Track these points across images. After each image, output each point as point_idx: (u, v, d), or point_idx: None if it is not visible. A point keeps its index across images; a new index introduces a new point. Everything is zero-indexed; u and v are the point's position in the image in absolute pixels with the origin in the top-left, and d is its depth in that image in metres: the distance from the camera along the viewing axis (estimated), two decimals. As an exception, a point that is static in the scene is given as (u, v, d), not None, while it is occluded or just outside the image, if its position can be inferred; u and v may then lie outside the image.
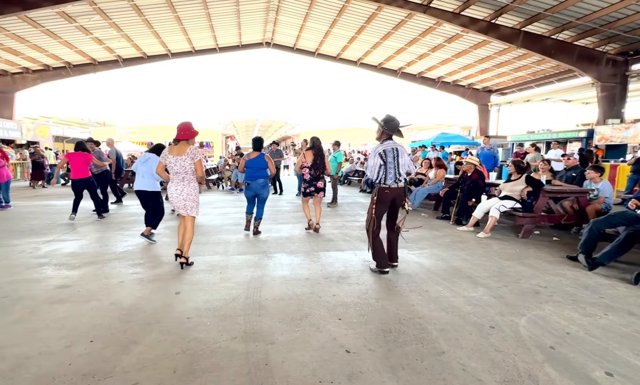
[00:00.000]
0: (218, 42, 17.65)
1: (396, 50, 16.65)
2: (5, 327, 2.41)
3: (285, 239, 4.92)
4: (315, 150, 5.27)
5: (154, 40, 15.73)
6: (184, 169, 3.58)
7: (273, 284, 3.24)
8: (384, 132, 3.50)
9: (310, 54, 19.40)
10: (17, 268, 3.63)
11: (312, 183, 5.32)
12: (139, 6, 12.56)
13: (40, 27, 12.73)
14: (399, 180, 3.44)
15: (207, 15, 14.15)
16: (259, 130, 33.97)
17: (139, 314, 2.62)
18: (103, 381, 1.86)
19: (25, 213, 6.93)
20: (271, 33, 17.62)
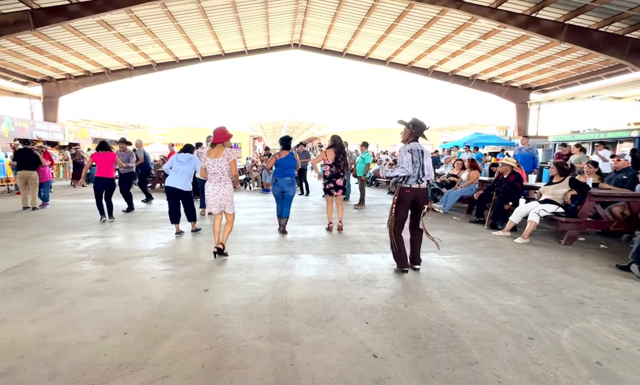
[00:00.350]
0: (247, 45, 18.12)
1: (427, 48, 16.28)
2: (48, 316, 2.60)
3: (312, 240, 4.94)
4: (337, 148, 5.40)
5: (186, 45, 16.42)
6: (220, 170, 3.91)
7: (299, 284, 3.26)
8: (412, 134, 3.57)
9: (338, 55, 19.42)
10: (59, 261, 3.91)
11: (331, 179, 5.44)
12: (172, 13, 13.17)
13: (82, 35, 13.69)
14: (421, 181, 3.49)
15: (237, 18, 14.58)
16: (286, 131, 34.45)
17: (170, 310, 2.73)
18: (136, 372, 1.95)
19: (66, 210, 7.46)
20: (299, 34, 17.83)
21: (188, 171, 5.19)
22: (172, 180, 5.16)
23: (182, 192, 5.16)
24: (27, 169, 7.47)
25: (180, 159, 5.23)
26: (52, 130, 17.08)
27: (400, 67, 19.35)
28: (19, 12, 11.38)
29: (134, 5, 11.60)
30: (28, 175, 7.50)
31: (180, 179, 5.15)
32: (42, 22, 11.54)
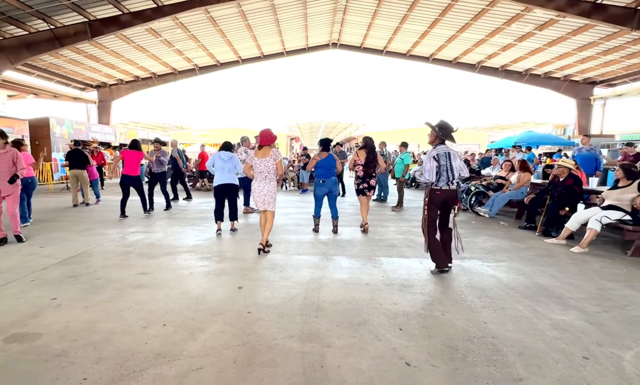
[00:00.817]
0: (285, 46, 18.58)
1: (475, 43, 15.54)
2: (98, 304, 2.85)
3: (346, 242, 4.93)
4: (368, 149, 5.56)
5: (227, 48, 17.20)
6: (267, 169, 4.29)
7: (332, 286, 3.27)
8: (438, 136, 3.65)
9: (378, 53, 19.19)
10: (108, 254, 4.28)
11: (365, 179, 5.61)
12: (215, 18, 13.87)
13: (133, 43, 14.88)
14: (451, 182, 3.56)
15: (276, 21, 15.00)
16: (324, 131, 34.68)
17: (205, 304, 2.87)
18: (173, 362, 2.08)
19: (116, 206, 8.11)
20: (338, 33, 17.89)
21: (231, 168, 5.57)
22: (220, 178, 5.54)
23: (231, 186, 5.55)
24: (78, 168, 8.28)
25: (222, 157, 5.59)
26: (105, 131, 18.70)
27: (445, 64, 18.67)
28: (78, 24, 12.65)
29: (179, 13, 12.39)
30: (79, 174, 8.32)
31: (228, 175, 5.55)
32: (98, 32, 12.73)
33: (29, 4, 11.05)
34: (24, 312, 2.69)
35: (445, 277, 3.54)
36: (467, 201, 7.48)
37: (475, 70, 18.47)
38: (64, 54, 14.84)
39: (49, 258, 4.08)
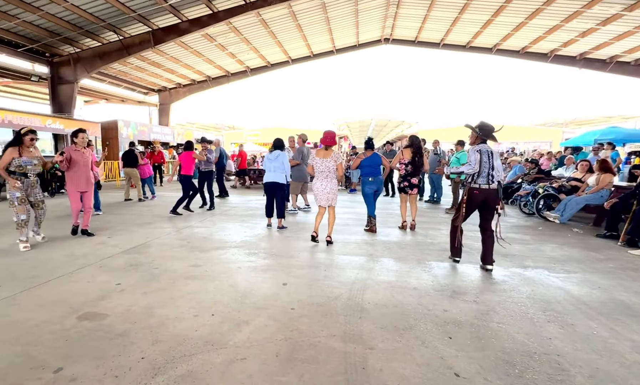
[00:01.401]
0: (335, 45, 18.71)
1: (547, 30, 14.23)
2: (155, 292, 3.14)
3: (394, 244, 4.84)
4: (414, 149, 5.69)
5: (277, 49, 17.82)
6: (328, 169, 4.70)
7: (377, 288, 3.24)
8: (478, 136, 3.78)
9: (434, 46, 18.44)
10: (164, 246, 4.68)
11: (406, 178, 5.77)
12: (266, 20, 14.47)
13: (190, 48, 16.08)
14: (491, 181, 3.62)
15: (326, 19, 15.18)
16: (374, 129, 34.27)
17: (251, 298, 3.01)
18: (219, 350, 2.22)
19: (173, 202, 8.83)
20: (390, 28, 17.55)
21: (280, 166, 5.84)
22: (268, 176, 5.88)
23: (278, 184, 5.83)
24: (129, 167, 9.35)
25: (269, 157, 5.92)
26: (165, 132, 20.46)
27: (510, 54, 17.35)
28: (143, 33, 14.03)
29: (233, 17, 13.13)
30: (130, 172, 9.35)
31: (275, 173, 5.83)
32: (159, 40, 13.99)
33: (102, 18, 12.50)
34: (94, 294, 3.06)
35: (503, 286, 3.31)
36: (534, 205, 6.89)
37: (548, 60, 16.87)
38: (130, 62, 16.53)
39: (114, 247, 4.58)
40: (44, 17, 11.75)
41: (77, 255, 4.22)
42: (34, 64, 15.08)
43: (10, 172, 4.41)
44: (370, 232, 5.49)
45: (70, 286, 3.26)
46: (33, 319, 2.61)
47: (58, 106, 15.40)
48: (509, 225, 6.11)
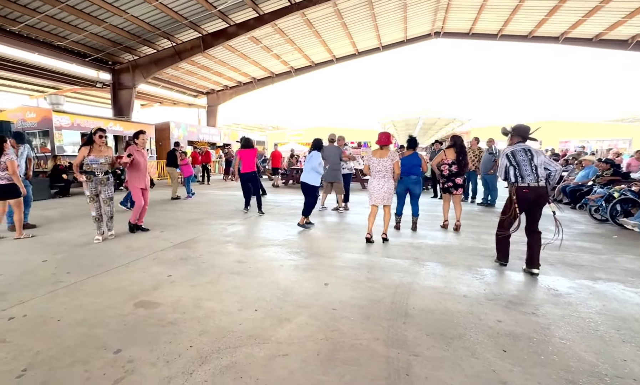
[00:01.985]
0: (382, 41, 18.46)
1: (628, 13, 12.84)
2: (203, 285, 3.33)
3: (442, 248, 4.66)
4: (457, 149, 5.74)
5: (321, 48, 18.04)
6: (385, 168, 4.83)
7: (423, 293, 3.15)
8: (512, 136, 3.82)
9: (491, 38, 17.48)
10: (211, 242, 4.95)
11: (450, 178, 5.77)
12: (311, 20, 14.72)
13: (237, 51, 16.85)
14: (539, 179, 3.56)
15: (372, 15, 15.07)
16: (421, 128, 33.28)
17: (293, 296, 3.08)
18: (262, 345, 2.30)
19: (219, 200, 9.33)
20: (441, 21, 16.94)
21: (311, 167, 5.94)
22: (302, 176, 6.08)
23: (309, 186, 5.96)
24: (171, 167, 10.05)
25: (307, 156, 6.11)
26: (212, 133, 21.61)
27: (581, 43, 15.91)
28: (194, 39, 14.97)
29: (278, 19, 13.54)
30: (170, 171, 10.01)
31: (308, 174, 5.97)
32: (209, 45, 14.84)
33: (158, 26, 13.55)
34: (148, 284, 3.32)
35: (568, 299, 3.05)
36: (607, 210, 6.24)
37: (628, 48, 15.19)
38: (182, 67, 17.71)
39: (166, 241, 4.94)
40: (107, 28, 13.02)
41: (134, 248, 4.62)
42: (99, 72, 16.77)
43: (83, 171, 4.87)
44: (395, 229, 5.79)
45: (128, 275, 3.58)
46: (96, 303, 2.91)
47: (118, 110, 16.95)
48: (577, 232, 5.61)
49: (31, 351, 2.23)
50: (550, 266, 3.93)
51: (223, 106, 23.63)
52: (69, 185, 10.60)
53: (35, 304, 2.93)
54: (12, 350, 2.24)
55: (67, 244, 4.85)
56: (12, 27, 12.25)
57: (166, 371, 2.03)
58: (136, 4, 11.79)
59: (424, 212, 7.36)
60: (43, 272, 3.70)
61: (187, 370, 2.04)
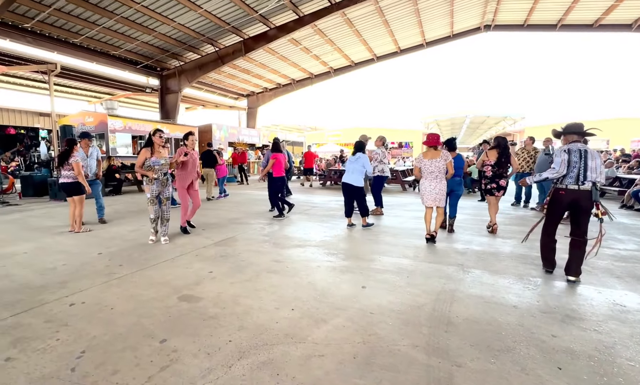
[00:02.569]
0: (425, 37, 18.01)
1: None
2: (241, 283, 3.46)
3: (490, 255, 4.45)
4: (500, 149, 5.74)
5: (362, 47, 17.99)
6: (438, 169, 4.91)
7: (467, 302, 3.03)
8: (565, 135, 3.70)
9: (549, 29, 16.38)
10: (250, 241, 5.12)
11: (493, 180, 5.78)
12: (351, 19, 14.74)
13: (276, 54, 17.29)
14: (582, 182, 3.46)
15: (416, 11, 14.77)
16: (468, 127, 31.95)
17: (330, 298, 3.10)
18: (298, 344, 2.35)
19: (257, 200, 9.61)
20: (492, 13, 16.13)
21: (358, 168, 5.99)
22: (345, 177, 6.12)
23: (353, 187, 6.01)
24: (208, 167, 10.26)
25: (351, 159, 6.14)
26: (251, 134, 22.34)
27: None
28: (235, 43, 15.60)
29: (318, 20, 13.72)
30: (207, 172, 10.26)
31: (352, 176, 6.02)
32: (250, 48, 15.39)
33: (202, 33, 14.30)
34: (191, 279, 3.52)
35: (638, 317, 2.78)
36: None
37: None
38: (224, 71, 18.50)
39: (207, 239, 5.20)
40: (156, 36, 13.98)
41: (178, 244, 4.91)
42: (148, 78, 18.03)
43: (148, 170, 4.97)
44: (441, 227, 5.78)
45: (173, 270, 3.81)
46: (145, 295, 3.14)
47: (165, 113, 18.07)
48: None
49: (89, 335, 2.46)
50: (617, 279, 3.61)
51: (262, 108, 24.33)
52: (121, 184, 11.51)
53: (92, 292, 3.22)
54: (72, 333, 2.49)
55: (120, 238, 5.27)
56: (75, 40, 13.56)
57: (207, 363, 2.14)
58: (183, 13, 12.54)
59: (469, 216, 7.08)
60: (99, 263, 4.06)
61: (227, 363, 2.13)
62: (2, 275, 3.67)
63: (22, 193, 10.60)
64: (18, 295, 3.14)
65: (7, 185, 10.85)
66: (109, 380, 1.98)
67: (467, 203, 8.98)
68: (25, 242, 5.09)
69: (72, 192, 5.70)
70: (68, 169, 5.63)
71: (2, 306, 2.92)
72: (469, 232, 5.73)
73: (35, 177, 10.81)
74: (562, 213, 3.70)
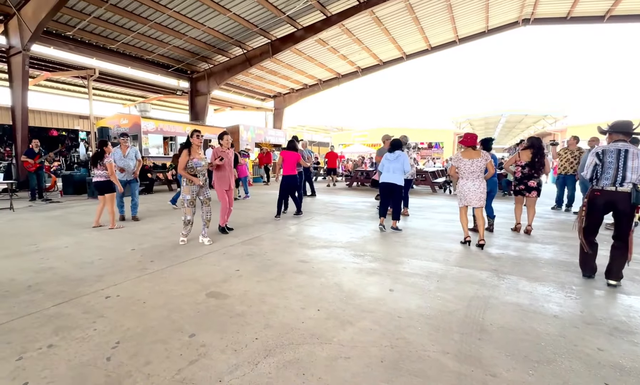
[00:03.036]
0: (458, 34, 17.59)
1: None
2: (267, 281, 3.51)
3: (529, 261, 4.26)
4: (534, 150, 5.77)
5: (390, 46, 17.83)
6: (479, 169, 4.91)
7: (503, 310, 2.91)
8: (611, 133, 3.58)
9: (596, 20, 15.47)
10: (276, 240, 5.19)
11: (522, 181, 5.85)
12: (379, 17, 14.64)
13: (303, 54, 17.46)
14: (620, 184, 3.37)
15: (448, 7, 14.46)
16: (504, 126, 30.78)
17: (356, 300, 3.08)
18: (324, 345, 2.35)
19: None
20: (532, 6, 15.45)
21: (399, 167, 5.97)
22: (386, 176, 6.02)
23: (395, 186, 5.97)
24: None
25: (388, 157, 6.07)
26: (277, 135, 22.63)
27: None
28: (263, 45, 15.90)
29: (345, 19, 13.73)
30: None
31: (393, 175, 5.97)
32: (277, 50, 15.64)
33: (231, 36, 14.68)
34: (218, 277, 3.61)
35: (697, 330, 2.56)
36: None
37: None
38: (251, 72, 18.91)
39: (234, 238, 5.32)
40: (187, 40, 14.52)
41: (206, 243, 5.05)
42: (179, 81, 18.75)
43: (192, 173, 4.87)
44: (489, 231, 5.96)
45: (201, 267, 3.93)
46: (175, 290, 3.25)
47: (195, 115, 18.69)
48: None
49: (123, 327, 2.58)
50: (670, 290, 3.35)
51: (289, 109, 24.65)
52: (153, 183, 12.01)
53: (126, 286, 3.37)
54: (108, 324, 2.62)
55: (151, 235, 5.50)
56: (112, 46, 14.35)
57: (234, 359, 2.18)
58: (213, 16, 12.94)
59: (505, 220, 6.83)
60: (131, 259, 4.25)
61: (253, 360, 2.16)
62: (47, 268, 3.92)
63: (63, 191, 11.31)
64: (59, 287, 3.35)
65: (49, 184, 11.61)
66: (142, 371, 2.07)
67: (502, 206, 8.64)
68: (66, 236, 5.42)
69: (103, 190, 6.06)
70: (101, 168, 5.99)
71: (46, 297, 3.13)
72: (504, 237, 5.53)
73: (75, 176, 11.50)
74: (599, 215, 3.57)
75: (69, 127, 21.41)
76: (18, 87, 11.55)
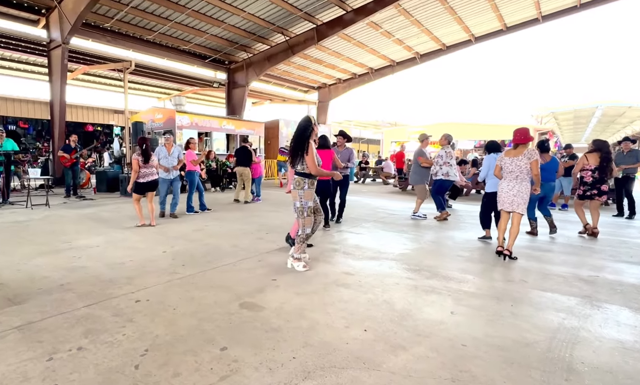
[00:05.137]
0: (541, 9, 16.04)
1: None
2: (307, 294, 3.51)
3: (631, 286, 3.88)
4: (603, 154, 6.15)
5: (456, 27, 17.16)
6: (518, 168, 4.81)
7: (598, 346, 2.66)
8: None
9: None
10: (316, 249, 5.19)
11: (594, 186, 6.26)
12: (443, -7, 14.22)
13: (353, 40, 17.44)
14: None
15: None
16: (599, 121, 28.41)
17: (410, 321, 2.98)
18: (371, 371, 2.28)
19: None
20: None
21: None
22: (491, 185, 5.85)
23: (489, 193, 5.88)
24: (242, 166, 9.96)
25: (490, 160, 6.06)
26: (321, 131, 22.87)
27: None
28: (307, 31, 16.14)
29: (402, -2, 13.49)
30: (242, 171, 9.99)
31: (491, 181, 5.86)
32: (323, 36, 15.79)
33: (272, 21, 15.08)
34: (253, 286, 3.68)
35: None
36: None
37: None
38: (294, 61, 19.26)
39: (271, 243, 5.43)
40: (226, 28, 15.15)
41: (241, 247, 5.20)
42: (216, 72, 19.59)
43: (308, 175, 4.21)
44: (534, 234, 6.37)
45: (234, 275, 4.04)
46: (206, 297, 3.37)
47: (231, 109, 19.43)
48: None
49: (152, 334, 2.71)
50: None
51: (334, 101, 24.76)
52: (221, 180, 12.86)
53: (156, 290, 3.55)
54: (137, 330, 2.76)
55: (183, 238, 5.77)
56: (149, 36, 15.36)
57: (268, 378, 2.19)
58: (253, 1, 13.37)
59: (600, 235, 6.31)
60: (163, 261, 4.48)
61: (290, 382, 2.16)
62: (79, 267, 4.25)
63: (97, 188, 12.26)
64: (90, 287, 3.60)
65: (84, 181, 12.65)
66: (170, 383, 2.14)
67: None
68: (98, 235, 5.85)
69: (147, 189, 6.71)
70: (148, 167, 6.61)
71: (77, 297, 3.38)
72: (599, 255, 5.09)
73: (108, 173, 12.42)
74: None
75: (104, 122, 23.20)
76: (57, 81, 12.75)
